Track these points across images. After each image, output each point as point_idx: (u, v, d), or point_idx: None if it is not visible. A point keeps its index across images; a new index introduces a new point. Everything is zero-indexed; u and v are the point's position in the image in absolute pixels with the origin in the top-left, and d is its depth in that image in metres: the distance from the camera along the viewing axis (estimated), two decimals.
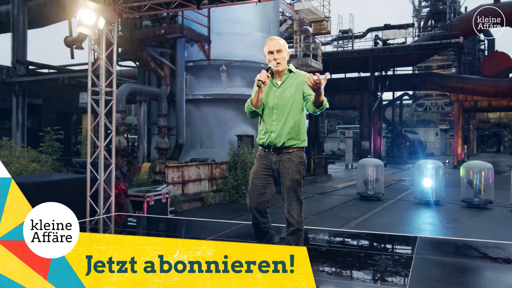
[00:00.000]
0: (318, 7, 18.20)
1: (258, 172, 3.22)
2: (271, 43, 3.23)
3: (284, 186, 3.16)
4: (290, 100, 3.17)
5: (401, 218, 9.45)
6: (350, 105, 27.61)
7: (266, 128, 3.21)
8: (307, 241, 4.52)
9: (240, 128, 14.33)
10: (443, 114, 74.38)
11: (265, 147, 3.22)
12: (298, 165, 3.16)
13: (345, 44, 27.50)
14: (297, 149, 3.19)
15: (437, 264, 3.41)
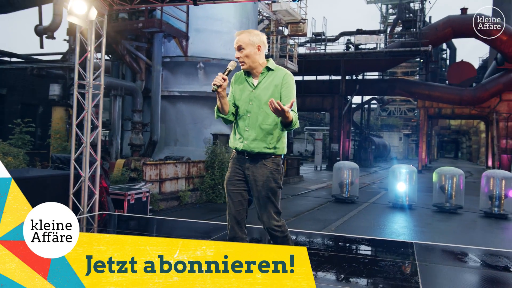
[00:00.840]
0: (295, 9, 18.26)
1: (231, 178, 2.94)
2: (236, 40, 2.95)
3: (255, 195, 2.88)
4: (267, 103, 2.76)
5: (377, 221, 9.58)
6: (321, 107, 27.89)
7: (239, 133, 2.92)
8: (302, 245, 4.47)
9: (216, 126, 14.18)
10: (406, 119, 76.52)
11: (238, 152, 2.94)
12: (274, 173, 2.87)
13: (318, 46, 27.75)
14: (274, 156, 2.90)
15: (443, 272, 3.43)
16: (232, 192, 2.93)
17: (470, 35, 24.54)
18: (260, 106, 2.86)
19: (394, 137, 57.72)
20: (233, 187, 2.93)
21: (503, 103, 25.53)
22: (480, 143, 49.03)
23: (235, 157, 2.97)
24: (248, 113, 2.87)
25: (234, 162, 2.96)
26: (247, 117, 2.87)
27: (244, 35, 2.94)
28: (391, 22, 57.27)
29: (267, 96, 2.83)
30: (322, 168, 26.61)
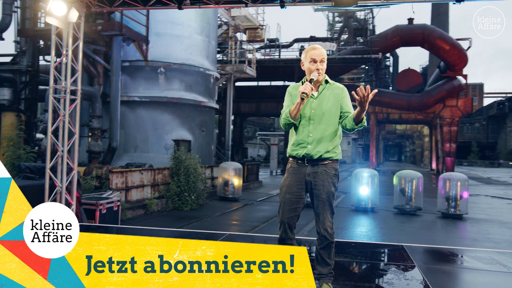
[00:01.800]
0: (254, 15, 18.36)
1: (291, 186, 3.11)
2: (315, 52, 3.15)
3: (319, 199, 3.08)
4: (328, 111, 3.10)
5: (345, 224, 9.76)
6: (276, 113, 28.09)
7: (302, 139, 3.10)
8: None
9: (177, 132, 13.94)
10: None
11: (298, 158, 3.12)
12: (333, 177, 3.11)
13: (272, 52, 28.04)
14: (332, 161, 3.12)
15: (444, 273, 3.55)
16: (290, 200, 3.11)
17: (416, 44, 25.74)
18: (322, 115, 3.09)
19: (343, 142, 59.12)
20: (291, 195, 3.10)
21: (447, 109, 26.92)
22: (423, 147, 51.46)
23: (294, 165, 3.14)
24: (312, 120, 3.09)
25: (294, 170, 3.13)
26: (310, 124, 3.09)
27: (323, 51, 3.20)
28: (338, 30, 59.21)
29: (328, 106, 3.10)
30: (277, 173, 26.83)
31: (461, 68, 25.84)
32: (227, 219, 10.20)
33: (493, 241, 8.43)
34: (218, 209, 11.21)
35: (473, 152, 66.11)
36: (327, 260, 3.14)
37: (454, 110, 26.86)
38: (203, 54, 14.62)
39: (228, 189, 12.91)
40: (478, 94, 75.04)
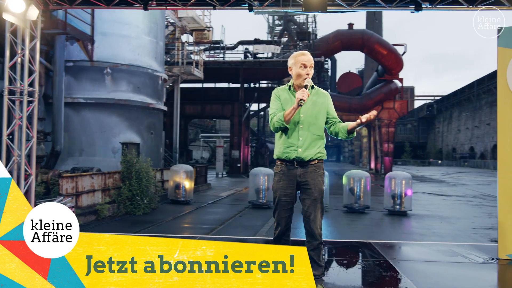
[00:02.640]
0: (201, 16, 18.25)
1: (285, 188, 3.22)
2: (305, 58, 3.26)
3: (311, 198, 3.20)
4: (317, 115, 3.24)
5: (299, 224, 9.94)
6: (221, 115, 28.12)
7: (292, 142, 3.19)
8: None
9: (125, 135, 13.55)
10: None
11: (287, 161, 3.20)
12: (322, 176, 3.26)
13: (217, 54, 27.99)
14: (319, 161, 3.25)
15: (415, 267, 3.76)
16: (286, 202, 3.25)
17: (356, 48, 26.77)
18: (311, 119, 3.22)
19: None
20: (286, 197, 3.23)
21: (385, 111, 28.24)
22: (362, 147, 53.52)
23: (284, 168, 3.23)
24: (301, 125, 3.20)
25: (285, 173, 3.22)
26: (299, 128, 3.19)
27: (311, 57, 3.34)
28: (278, 33, 60.22)
29: (316, 111, 3.25)
30: (223, 175, 26.80)
31: (397, 72, 27.23)
32: (182, 222, 10.07)
33: (438, 235, 8.95)
34: (171, 212, 11.03)
35: (406, 151, 69.77)
36: (319, 262, 3.22)
37: (391, 112, 28.22)
38: (151, 55, 14.33)
39: (179, 192, 12.74)
40: (409, 96, 79.17)
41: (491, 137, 53.81)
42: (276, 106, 3.31)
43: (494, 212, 12.52)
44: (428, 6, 5.81)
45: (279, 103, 3.32)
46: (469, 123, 61.33)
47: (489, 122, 54.46)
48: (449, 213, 12.15)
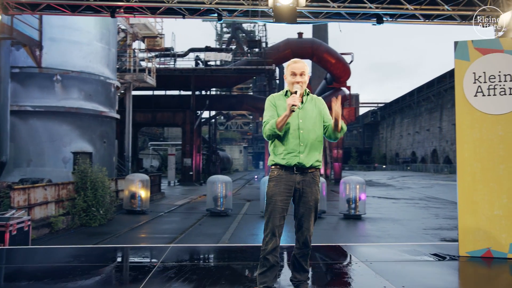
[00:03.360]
0: (153, 23, 18.02)
1: (282, 194, 3.12)
2: (295, 66, 3.22)
3: (307, 206, 3.17)
4: (314, 121, 3.19)
5: (258, 230, 10.04)
6: (173, 122, 27.79)
7: (293, 148, 3.13)
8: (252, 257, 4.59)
9: (76, 144, 13.10)
10: (242, 133, 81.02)
11: (287, 167, 3.13)
12: (319, 185, 3.23)
13: (168, 61, 27.70)
14: (317, 170, 3.22)
15: (387, 267, 3.93)
16: (282, 208, 3.13)
17: (306, 57, 27.40)
18: (310, 125, 3.16)
19: (235, 150, 60.36)
20: (282, 203, 3.12)
21: None
22: None
23: (282, 173, 3.13)
24: (301, 130, 3.14)
25: (284, 179, 3.13)
26: (299, 133, 3.14)
27: (303, 64, 3.26)
28: (226, 40, 60.54)
29: (313, 116, 3.20)
30: (175, 184, 26.46)
31: (345, 80, 28.14)
32: (142, 232, 9.87)
33: (393, 236, 9.35)
34: (128, 223, 10.78)
35: (353, 157, 72.08)
36: (305, 267, 3.27)
37: None
38: (103, 62, 13.97)
39: (135, 202, 12.48)
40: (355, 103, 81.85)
41: (431, 142, 56.66)
42: (270, 114, 3.23)
43: (440, 213, 13.24)
44: (389, 20, 6.15)
45: (273, 111, 3.23)
46: (410, 129, 64.30)
47: (428, 128, 57.34)
48: (400, 216, 12.69)
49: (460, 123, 4.66)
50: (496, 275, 4.29)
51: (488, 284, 3.96)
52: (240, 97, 30.25)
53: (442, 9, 5.86)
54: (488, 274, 4.31)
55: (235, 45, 55.46)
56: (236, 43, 55.25)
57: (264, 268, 3.14)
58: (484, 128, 4.57)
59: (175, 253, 4.67)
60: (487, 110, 4.58)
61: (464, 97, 4.68)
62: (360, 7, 6.00)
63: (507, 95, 4.52)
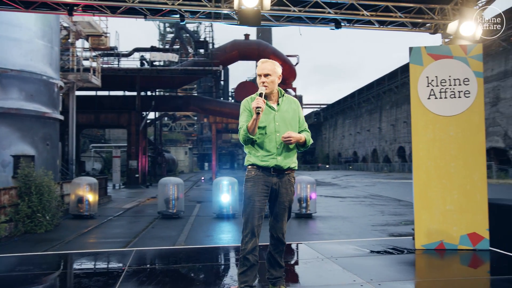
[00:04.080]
0: (97, 21, 17.45)
1: (260, 194, 3.19)
2: (261, 66, 3.28)
3: (282, 206, 3.26)
4: (291, 123, 3.26)
5: (214, 231, 10.04)
6: (118, 124, 27.01)
7: (270, 150, 3.19)
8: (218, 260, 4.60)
9: (17, 147, 12.43)
10: (186, 134, 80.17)
11: (264, 168, 3.19)
12: (293, 186, 3.35)
13: (111, 61, 26.90)
14: (293, 171, 3.33)
15: (352, 261, 4.10)
16: (259, 208, 3.19)
17: (253, 58, 27.66)
18: (286, 127, 3.22)
19: (180, 152, 59.62)
20: (260, 203, 3.19)
21: None
22: None
23: (260, 174, 3.20)
24: (277, 132, 3.20)
25: (261, 179, 3.20)
26: (276, 136, 3.19)
27: (270, 64, 3.28)
28: (170, 40, 59.71)
29: (289, 118, 3.26)
30: (120, 187, 25.74)
31: (291, 81, 28.69)
32: (92, 237, 9.55)
33: (344, 233, 9.67)
34: (77, 228, 10.38)
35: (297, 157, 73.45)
36: (281, 263, 3.36)
37: None
38: (46, 60, 13.35)
39: (82, 206, 12.03)
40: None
41: (371, 142, 59.05)
42: (244, 119, 3.27)
43: (385, 210, 13.84)
44: (347, 25, 6.38)
45: (248, 115, 3.27)
46: (352, 130, 66.63)
47: (369, 129, 59.73)
48: (348, 214, 13.13)
49: (415, 124, 4.95)
50: (448, 265, 4.60)
51: (441, 274, 4.25)
52: (187, 98, 29.96)
53: (395, 16, 6.19)
54: (441, 264, 4.61)
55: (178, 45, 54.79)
56: (180, 43, 54.58)
57: (244, 268, 3.19)
58: (436, 128, 4.89)
59: (141, 256, 4.59)
60: (439, 112, 4.91)
61: (418, 100, 4.97)
62: (320, 12, 6.19)
63: (457, 98, 4.87)
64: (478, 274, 4.36)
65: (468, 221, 4.76)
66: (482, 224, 4.76)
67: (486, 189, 4.77)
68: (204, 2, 5.52)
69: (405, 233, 9.35)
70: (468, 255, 4.64)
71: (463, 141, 4.77)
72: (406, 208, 14.27)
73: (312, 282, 3.60)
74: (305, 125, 3.42)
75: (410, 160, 49.14)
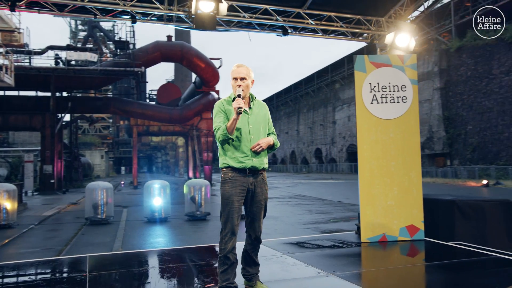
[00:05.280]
0: (9, 15, 16.24)
1: (238, 194, 3.32)
2: (237, 70, 3.39)
3: (258, 205, 3.42)
4: (264, 125, 3.45)
5: (150, 236, 9.87)
6: (30, 126, 25.22)
7: (245, 153, 3.33)
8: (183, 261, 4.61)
9: None
10: (101, 137, 76.84)
11: (241, 170, 3.33)
12: (267, 185, 3.53)
13: (22, 59, 25.06)
14: (265, 171, 3.50)
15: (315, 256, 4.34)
16: (238, 208, 3.35)
17: (176, 60, 27.34)
18: (259, 129, 3.39)
19: (95, 155, 56.99)
20: (238, 203, 3.33)
21: (203, 121, 29.47)
22: (178, 157, 54.30)
23: (236, 175, 3.31)
24: (251, 135, 3.35)
25: (238, 180, 3.32)
26: (250, 138, 3.35)
27: (245, 69, 3.40)
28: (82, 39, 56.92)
29: (261, 121, 3.44)
30: (34, 193, 24.06)
31: (215, 84, 28.76)
32: (18, 246, 8.92)
33: (279, 232, 9.98)
34: None
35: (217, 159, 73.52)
36: (257, 261, 3.51)
37: (210, 123, 29.58)
38: None
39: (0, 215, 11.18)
40: None
41: (290, 144, 60.98)
42: (220, 120, 3.38)
43: (312, 209, 14.47)
44: (293, 32, 6.68)
45: (223, 116, 3.39)
46: None
47: (287, 131, 61.64)
48: (278, 213, 13.53)
49: (360, 126, 5.35)
50: (390, 255, 5.05)
51: (384, 262, 4.67)
52: (107, 100, 28.78)
53: (337, 25, 6.61)
54: (384, 254, 5.04)
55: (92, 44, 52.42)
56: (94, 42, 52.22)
57: (225, 266, 3.29)
58: (379, 131, 5.33)
59: (98, 262, 4.47)
60: (381, 115, 5.35)
61: (363, 104, 5.38)
62: (269, 19, 6.43)
63: (395, 103, 5.34)
64: (415, 261, 4.85)
65: (406, 215, 5.26)
66: (418, 217, 5.28)
67: (421, 185, 5.30)
68: (157, 5, 5.48)
69: (335, 229, 9.87)
70: (407, 245, 5.13)
71: (401, 142, 5.26)
72: (331, 207, 15.04)
73: (282, 276, 3.78)
74: (273, 129, 3.61)
75: (327, 161, 51.57)
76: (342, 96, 49.41)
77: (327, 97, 52.56)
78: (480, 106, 30.83)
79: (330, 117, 50.96)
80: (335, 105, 50.60)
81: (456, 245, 5.11)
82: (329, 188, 24.57)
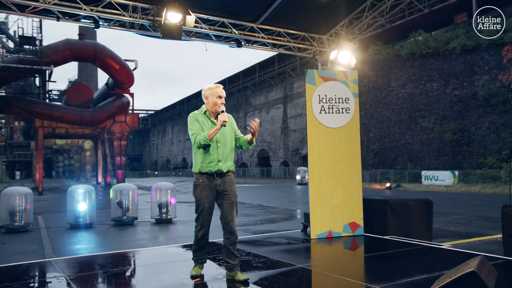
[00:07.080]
0: None
1: (208, 196, 3.93)
2: (220, 90, 4.02)
3: (229, 201, 3.95)
4: (231, 135, 4.04)
5: (81, 242, 9.58)
6: None
7: (213, 158, 3.91)
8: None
9: None
10: None
11: (209, 174, 3.90)
12: (234, 184, 4.07)
13: None
14: (232, 172, 4.05)
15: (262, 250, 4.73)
16: (209, 207, 4.01)
17: (89, 60, 26.26)
18: (226, 138, 4.01)
19: None
20: (209, 204, 4.00)
21: (116, 124, 28.59)
22: (85, 161, 51.49)
23: (205, 180, 3.92)
24: (219, 143, 3.95)
25: (207, 184, 3.93)
26: (218, 146, 3.94)
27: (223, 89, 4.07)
28: None
29: (229, 131, 4.05)
30: None
31: (129, 86, 28.11)
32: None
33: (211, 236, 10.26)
34: None
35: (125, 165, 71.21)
36: (235, 253, 3.99)
37: (123, 126, 28.80)
38: None
39: None
40: None
41: None
42: (197, 127, 3.99)
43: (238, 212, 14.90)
44: (246, 44, 7.08)
45: (198, 125, 4.00)
46: (181, 136, 67.64)
47: None
48: None
49: (310, 134, 5.89)
50: (335, 249, 5.65)
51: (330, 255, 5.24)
52: (9, 99, 26.64)
53: (285, 40, 7.14)
54: (330, 249, 5.63)
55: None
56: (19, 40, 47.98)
57: (197, 247, 4.11)
58: (326, 138, 5.92)
59: (70, 265, 4.47)
60: (328, 124, 5.95)
61: (312, 114, 5.93)
62: (225, 31, 6.78)
63: (340, 113, 5.97)
64: (356, 254, 5.49)
65: (348, 213, 5.89)
66: (358, 215, 5.95)
67: (361, 186, 5.98)
68: (121, 11, 5.52)
69: (266, 230, 10.35)
70: (349, 240, 5.76)
71: (345, 148, 5.90)
72: (253, 210, 15.61)
73: (259, 270, 4.15)
74: (240, 133, 4.22)
75: (239, 165, 52.46)
76: (254, 102, 50.74)
77: (238, 102, 53.60)
78: (380, 115, 33.73)
79: (241, 122, 52.02)
80: (246, 111, 51.78)
81: (389, 238, 5.86)
82: (246, 192, 25.20)
